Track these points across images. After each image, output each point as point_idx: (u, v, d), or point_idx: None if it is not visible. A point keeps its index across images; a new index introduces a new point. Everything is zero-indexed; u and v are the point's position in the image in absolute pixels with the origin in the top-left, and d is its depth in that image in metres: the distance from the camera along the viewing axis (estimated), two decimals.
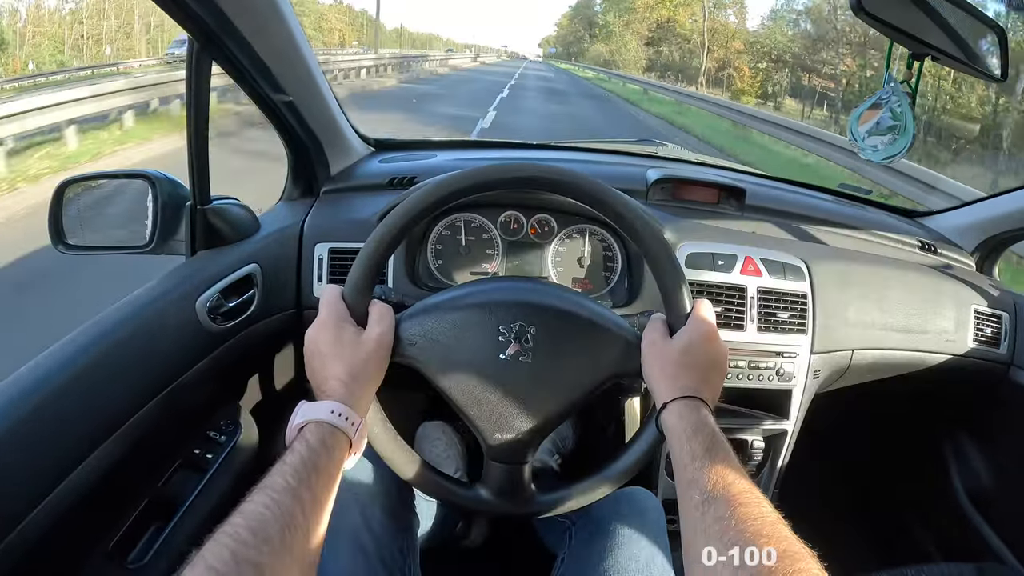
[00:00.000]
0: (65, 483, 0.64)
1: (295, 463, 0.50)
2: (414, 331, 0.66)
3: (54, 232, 0.89)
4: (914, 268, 1.18)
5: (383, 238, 0.64)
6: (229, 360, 0.90)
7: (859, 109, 0.87)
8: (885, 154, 0.86)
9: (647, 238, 0.66)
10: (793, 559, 0.42)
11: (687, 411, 0.58)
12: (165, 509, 0.83)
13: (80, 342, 0.72)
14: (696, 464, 0.53)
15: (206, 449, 0.92)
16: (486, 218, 1.05)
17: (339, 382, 0.59)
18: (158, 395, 0.77)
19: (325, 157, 1.12)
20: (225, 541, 0.42)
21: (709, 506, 0.49)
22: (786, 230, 1.17)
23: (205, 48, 0.79)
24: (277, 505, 0.46)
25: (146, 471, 0.84)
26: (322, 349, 0.62)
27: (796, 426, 1.08)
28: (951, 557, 1.07)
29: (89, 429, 0.68)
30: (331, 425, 0.55)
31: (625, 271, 1.05)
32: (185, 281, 0.85)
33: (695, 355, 0.62)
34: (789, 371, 1.03)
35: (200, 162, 0.86)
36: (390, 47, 65.22)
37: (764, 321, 1.01)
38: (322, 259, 0.99)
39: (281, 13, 0.83)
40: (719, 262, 1.01)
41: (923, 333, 1.12)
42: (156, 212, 0.89)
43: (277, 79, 0.89)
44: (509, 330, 0.65)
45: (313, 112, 1.02)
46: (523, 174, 0.67)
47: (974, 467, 1.33)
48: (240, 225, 0.96)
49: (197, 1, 0.71)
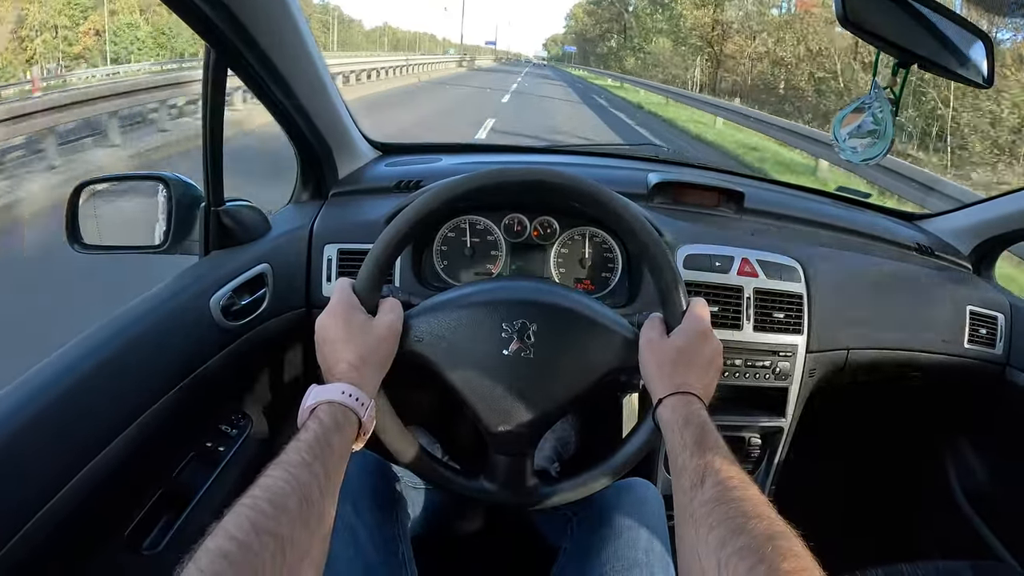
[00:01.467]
0: (83, 472, 0.66)
1: (309, 440, 0.52)
2: (421, 328, 0.68)
3: (70, 232, 0.91)
4: (910, 269, 1.20)
5: (392, 238, 0.67)
6: (240, 357, 0.93)
7: (843, 112, 0.89)
8: (863, 156, 0.88)
9: (644, 239, 0.68)
10: (777, 537, 0.44)
11: (680, 405, 0.60)
12: (178, 499, 0.86)
13: (99, 337, 0.74)
14: (687, 453, 0.55)
15: (218, 442, 0.95)
16: (490, 220, 1.08)
17: (349, 365, 0.61)
18: (172, 389, 0.79)
19: (334, 161, 1.15)
20: (245, 512, 0.43)
21: (697, 491, 0.51)
22: (784, 232, 1.20)
23: (222, 56, 0.82)
24: (294, 479, 0.47)
25: (160, 462, 0.86)
26: (332, 335, 0.63)
27: (792, 424, 1.10)
28: (947, 554, 1.08)
29: (106, 421, 0.71)
30: (342, 405, 0.57)
31: (625, 272, 1.08)
32: (199, 280, 0.88)
33: (690, 352, 0.64)
34: (785, 369, 1.05)
35: (215, 164, 0.89)
36: (367, 49, 55.82)
37: (760, 321, 1.03)
38: (331, 260, 1.02)
39: (295, 23, 0.86)
40: (716, 263, 1.03)
41: (918, 333, 1.14)
42: (170, 213, 0.91)
43: (290, 85, 0.92)
44: (512, 327, 0.68)
45: (323, 117, 1.05)
46: (525, 178, 0.70)
47: (970, 465, 1.35)
48: (252, 226, 0.99)
49: (216, 11, 0.74)
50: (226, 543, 0.41)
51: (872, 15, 0.75)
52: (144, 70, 18.87)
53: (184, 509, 0.86)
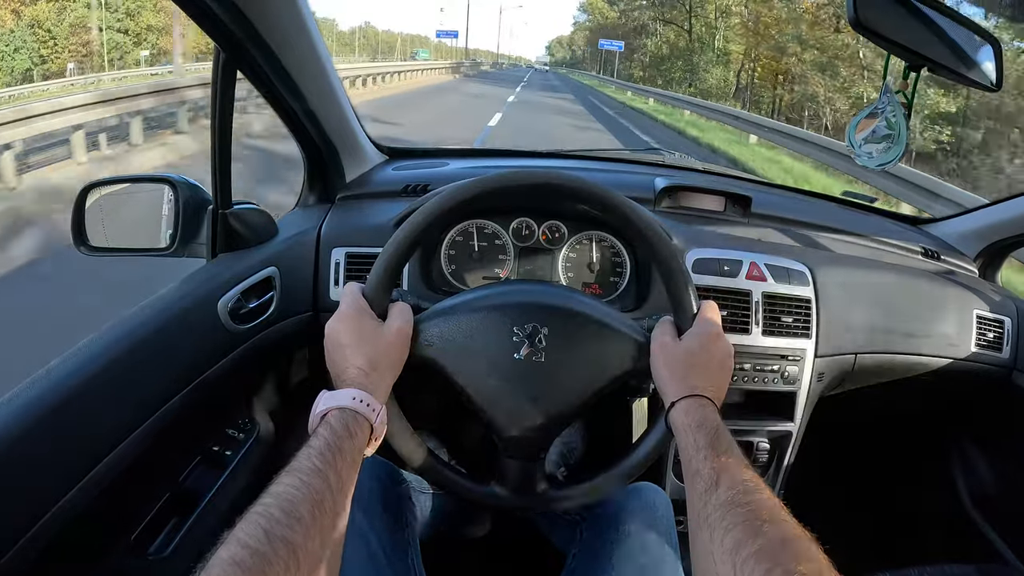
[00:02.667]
0: (90, 475, 0.66)
1: (320, 447, 0.52)
2: (431, 332, 0.68)
3: (77, 234, 0.91)
4: (917, 273, 1.20)
5: (403, 242, 0.66)
6: (248, 360, 0.92)
7: (857, 117, 0.89)
8: (879, 161, 0.88)
9: (654, 243, 0.68)
10: (792, 541, 0.44)
11: (693, 408, 0.60)
12: (185, 503, 0.86)
13: (106, 339, 0.74)
14: (700, 456, 0.55)
15: (225, 446, 0.95)
16: (498, 224, 1.08)
17: (359, 371, 0.60)
18: (180, 392, 0.79)
19: (341, 164, 1.15)
20: (257, 519, 0.43)
21: (711, 494, 0.50)
22: (791, 236, 1.19)
23: (231, 58, 0.82)
24: (306, 486, 0.47)
25: (168, 466, 0.86)
26: (342, 340, 0.63)
27: (801, 428, 1.09)
28: (954, 558, 1.08)
29: (113, 424, 0.70)
30: (353, 411, 0.57)
31: (633, 276, 1.08)
32: (207, 283, 0.88)
33: (702, 355, 0.64)
34: (793, 374, 1.04)
35: (223, 167, 0.88)
36: (337, 55, 51.69)
37: (769, 325, 1.03)
38: (339, 263, 1.02)
39: (305, 27, 0.86)
40: (725, 267, 1.03)
41: (925, 337, 1.14)
42: (177, 215, 0.91)
43: (298, 88, 0.92)
44: (523, 331, 0.67)
45: (330, 121, 1.05)
46: (534, 181, 0.69)
47: (977, 469, 1.34)
48: (259, 229, 0.99)
49: (227, 14, 0.74)
50: (239, 551, 0.40)
51: (883, 19, 0.75)
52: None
53: (191, 513, 0.85)
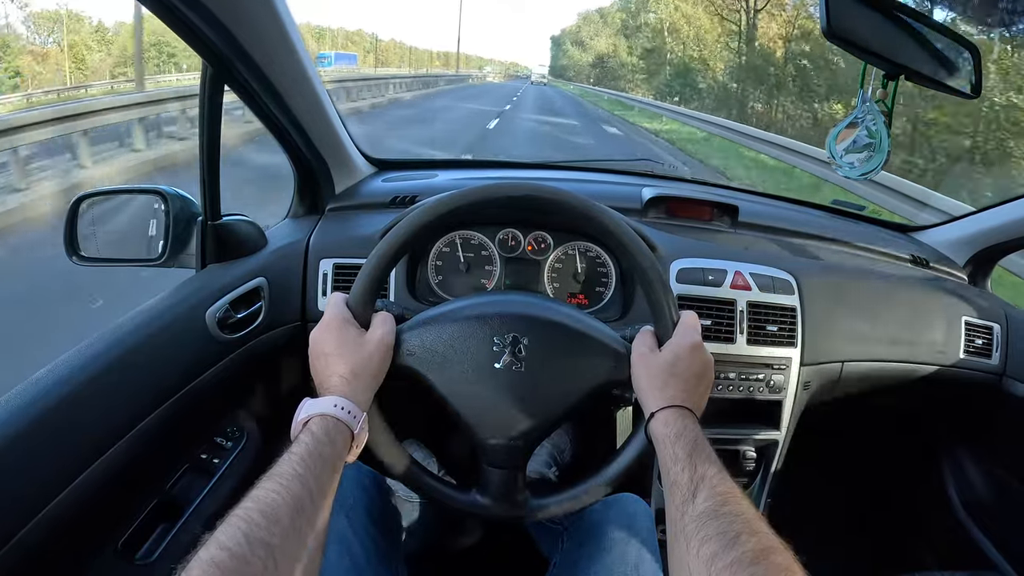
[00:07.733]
0: (77, 482, 0.66)
1: (302, 453, 0.53)
2: (413, 342, 0.69)
3: (69, 245, 0.92)
4: (905, 281, 1.21)
5: (385, 253, 0.67)
6: (236, 369, 0.93)
7: (837, 127, 0.90)
8: (861, 171, 0.89)
9: (634, 253, 0.69)
10: (767, 552, 0.44)
11: (673, 419, 0.60)
12: (172, 510, 0.86)
13: (95, 348, 0.75)
14: (678, 467, 0.55)
15: (213, 454, 0.95)
16: (484, 235, 1.09)
17: (341, 379, 0.61)
18: (168, 401, 0.80)
19: (330, 176, 1.16)
20: (237, 523, 0.44)
21: (688, 505, 0.51)
22: (778, 245, 1.20)
23: (219, 73, 0.84)
24: (286, 491, 0.48)
25: (155, 473, 0.86)
26: (326, 349, 0.64)
27: (787, 436, 1.10)
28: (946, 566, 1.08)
29: (102, 431, 0.71)
30: (334, 418, 0.58)
31: (619, 286, 1.08)
32: (196, 293, 0.89)
33: (681, 366, 0.64)
34: (779, 383, 1.05)
35: (212, 179, 0.90)
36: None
37: (753, 334, 1.03)
38: (327, 274, 1.03)
39: (291, 43, 0.87)
40: (709, 277, 1.03)
41: (913, 344, 1.14)
42: (168, 226, 0.92)
43: (285, 101, 0.94)
44: (503, 341, 0.68)
45: (319, 134, 1.06)
46: (515, 193, 0.70)
47: (968, 476, 1.34)
48: (248, 240, 1.00)
49: (211, 28, 0.75)
50: (218, 553, 0.41)
51: (858, 28, 0.75)
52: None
53: (178, 520, 0.86)
